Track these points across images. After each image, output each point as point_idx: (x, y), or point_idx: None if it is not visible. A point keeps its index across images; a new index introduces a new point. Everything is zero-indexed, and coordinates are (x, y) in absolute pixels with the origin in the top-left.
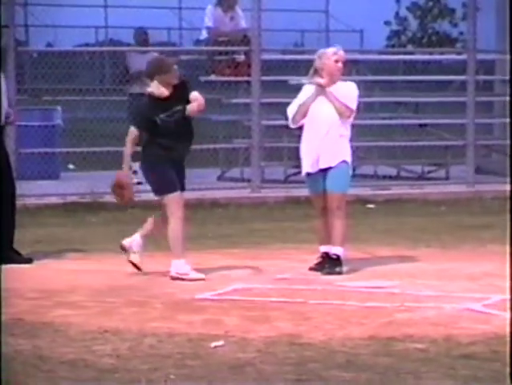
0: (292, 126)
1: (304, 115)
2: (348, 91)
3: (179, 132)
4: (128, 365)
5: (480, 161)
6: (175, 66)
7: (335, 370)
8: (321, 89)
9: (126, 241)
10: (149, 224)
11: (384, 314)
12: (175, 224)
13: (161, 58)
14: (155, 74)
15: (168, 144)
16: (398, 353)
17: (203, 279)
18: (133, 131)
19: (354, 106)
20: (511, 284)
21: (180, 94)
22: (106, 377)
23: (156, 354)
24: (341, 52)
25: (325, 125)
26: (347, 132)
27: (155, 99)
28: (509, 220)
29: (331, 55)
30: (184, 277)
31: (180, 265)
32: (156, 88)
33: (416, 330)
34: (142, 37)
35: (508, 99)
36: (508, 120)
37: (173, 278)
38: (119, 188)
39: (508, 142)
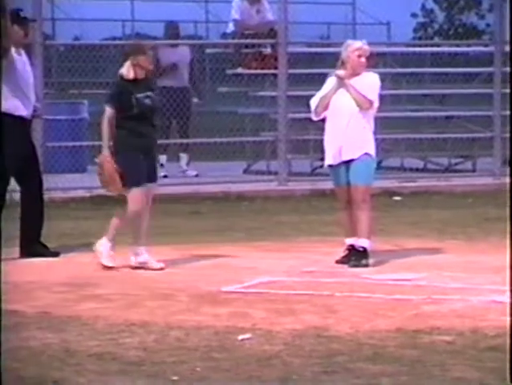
0: (314, 118)
1: (326, 108)
2: (370, 82)
3: (150, 118)
4: (154, 358)
5: (507, 153)
6: (150, 52)
7: (361, 362)
8: (341, 81)
9: (98, 247)
10: (113, 227)
11: (411, 306)
12: (127, 217)
13: (139, 42)
14: (130, 55)
15: (140, 130)
16: (425, 345)
17: (112, 268)
18: (108, 110)
19: (374, 97)
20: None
21: (149, 83)
22: (132, 370)
23: (183, 346)
24: (365, 47)
25: (346, 117)
26: (370, 124)
27: (125, 80)
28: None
29: (354, 50)
30: (99, 256)
31: (104, 246)
32: (126, 69)
33: (442, 323)
34: (173, 30)
35: None
36: None
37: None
38: (99, 174)
39: None
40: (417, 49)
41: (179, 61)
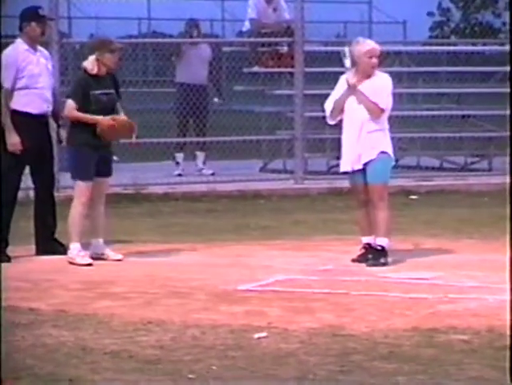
0: (331, 122)
1: (341, 112)
2: (381, 86)
3: (107, 115)
4: (171, 356)
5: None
6: (118, 52)
7: (377, 361)
8: (352, 88)
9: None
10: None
11: (427, 305)
12: (75, 209)
13: (111, 39)
14: (96, 50)
15: (95, 126)
16: (441, 344)
17: (90, 264)
18: (70, 102)
19: (385, 104)
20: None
21: (112, 81)
22: (149, 368)
23: (199, 345)
24: (375, 46)
25: (359, 122)
26: (384, 126)
27: (88, 75)
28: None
29: (364, 53)
30: (73, 261)
31: (73, 249)
32: (91, 64)
33: (459, 322)
34: (194, 29)
35: None
36: None
37: (69, 262)
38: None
39: None
40: (433, 48)
41: (198, 58)
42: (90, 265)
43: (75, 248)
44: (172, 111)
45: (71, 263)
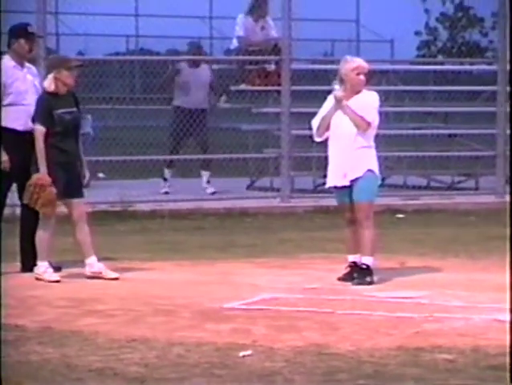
0: (317, 139)
1: (327, 129)
2: (368, 102)
3: (73, 134)
4: (155, 374)
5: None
6: (76, 70)
7: (363, 380)
8: (339, 103)
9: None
10: (40, 247)
11: (413, 324)
12: (42, 229)
13: (68, 57)
14: (55, 68)
15: (62, 146)
16: (426, 363)
17: (58, 281)
18: (39, 127)
19: (371, 118)
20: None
21: (73, 100)
22: None
23: (184, 363)
24: (363, 64)
25: (346, 138)
26: (370, 143)
27: (49, 94)
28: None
29: (352, 69)
30: (41, 277)
31: (41, 266)
32: (49, 82)
33: (444, 341)
34: (197, 49)
35: None
36: None
37: (36, 278)
38: (38, 186)
39: None
40: (421, 67)
41: (196, 81)
42: (58, 281)
43: (42, 265)
44: (168, 130)
45: (37, 279)
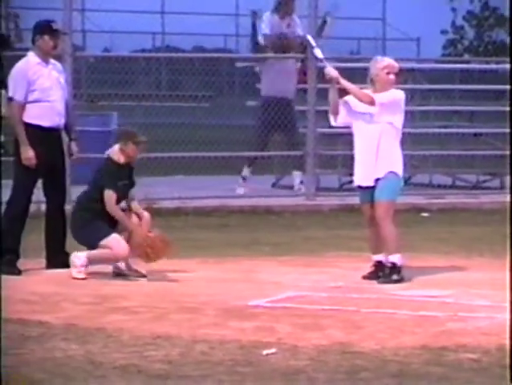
0: (333, 123)
1: (336, 112)
2: (389, 93)
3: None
4: (179, 371)
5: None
6: (142, 146)
7: (387, 379)
8: (335, 80)
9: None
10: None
11: (437, 323)
12: None
13: (136, 133)
14: (122, 140)
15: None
16: (450, 363)
17: (84, 279)
18: (111, 194)
19: (381, 98)
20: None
21: (129, 172)
22: (157, 383)
23: (208, 360)
24: (394, 63)
25: (371, 138)
26: (395, 143)
27: (114, 164)
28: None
29: (383, 68)
30: (72, 264)
31: (79, 260)
32: (116, 153)
33: (468, 340)
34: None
35: None
36: None
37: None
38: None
39: None
40: (447, 65)
41: (282, 72)
42: (84, 279)
43: (81, 258)
44: (256, 125)
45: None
